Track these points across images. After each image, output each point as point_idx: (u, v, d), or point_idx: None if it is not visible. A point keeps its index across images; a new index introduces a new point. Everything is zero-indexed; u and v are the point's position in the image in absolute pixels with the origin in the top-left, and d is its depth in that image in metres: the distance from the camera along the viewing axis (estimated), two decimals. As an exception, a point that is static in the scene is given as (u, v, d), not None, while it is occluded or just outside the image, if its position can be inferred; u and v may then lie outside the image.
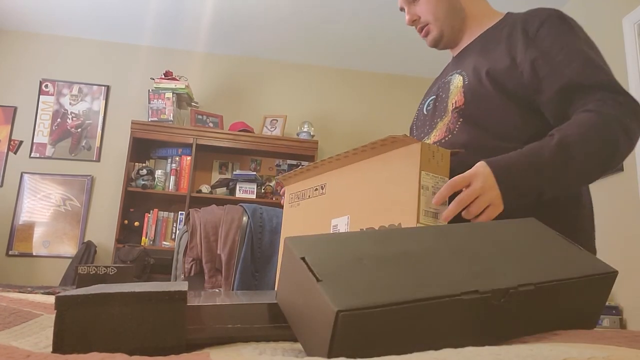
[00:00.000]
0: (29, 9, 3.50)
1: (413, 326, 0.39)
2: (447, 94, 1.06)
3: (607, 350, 0.33)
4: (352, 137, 4.00)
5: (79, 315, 0.41)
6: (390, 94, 4.16)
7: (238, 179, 3.58)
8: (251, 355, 0.41)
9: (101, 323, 0.41)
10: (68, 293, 0.41)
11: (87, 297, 0.41)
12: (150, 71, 3.78)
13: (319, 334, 0.38)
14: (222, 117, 3.79)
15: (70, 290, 0.43)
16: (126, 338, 0.42)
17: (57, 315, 0.41)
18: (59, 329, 0.41)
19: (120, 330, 0.42)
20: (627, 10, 2.67)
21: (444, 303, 0.39)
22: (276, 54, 4.02)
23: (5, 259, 3.48)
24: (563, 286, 0.44)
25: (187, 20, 3.53)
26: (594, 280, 0.46)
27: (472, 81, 1.00)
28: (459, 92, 1.02)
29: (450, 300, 0.39)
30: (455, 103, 1.02)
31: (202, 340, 0.47)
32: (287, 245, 0.46)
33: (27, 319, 0.52)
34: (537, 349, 0.33)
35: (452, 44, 1.15)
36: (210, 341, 0.47)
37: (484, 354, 0.32)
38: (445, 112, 1.05)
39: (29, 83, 3.75)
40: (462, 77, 1.04)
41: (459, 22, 1.11)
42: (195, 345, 0.46)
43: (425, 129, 1.11)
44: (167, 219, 3.58)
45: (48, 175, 3.63)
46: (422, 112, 1.15)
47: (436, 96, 1.11)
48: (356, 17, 3.43)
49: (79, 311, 0.41)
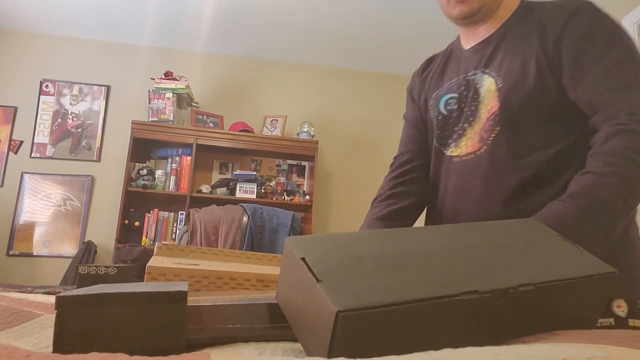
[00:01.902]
0: (29, 9, 3.50)
1: (413, 326, 0.39)
2: (478, 98, 0.96)
3: (607, 350, 0.33)
4: (352, 137, 4.01)
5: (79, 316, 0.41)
6: (390, 94, 4.16)
7: (238, 179, 3.58)
8: (251, 355, 0.41)
9: (102, 323, 0.41)
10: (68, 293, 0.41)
11: (87, 297, 0.41)
12: (151, 71, 3.78)
13: (319, 334, 0.38)
14: (222, 117, 3.79)
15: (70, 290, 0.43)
16: (127, 338, 0.42)
17: (57, 316, 0.41)
18: (60, 329, 0.41)
19: (120, 330, 0.42)
20: (627, 10, 2.67)
21: (443, 303, 0.39)
22: (276, 54, 4.01)
23: (6, 259, 3.48)
24: (563, 286, 0.44)
25: (187, 20, 3.53)
26: (594, 280, 0.46)
27: (507, 85, 0.92)
28: (494, 98, 0.93)
29: (449, 300, 0.39)
30: (490, 110, 0.93)
31: (202, 340, 0.47)
32: (287, 246, 0.46)
33: (28, 319, 0.52)
34: (536, 349, 0.33)
35: (481, 21, 1.01)
36: (211, 341, 0.47)
37: (484, 354, 0.33)
38: (476, 118, 0.96)
39: (29, 83, 3.75)
40: (493, 79, 0.95)
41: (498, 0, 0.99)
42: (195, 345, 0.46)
43: (449, 133, 1.02)
44: (167, 219, 3.58)
45: (48, 175, 3.64)
46: (440, 110, 1.04)
47: (459, 96, 1.01)
48: (356, 17, 3.42)
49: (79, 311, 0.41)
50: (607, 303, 0.77)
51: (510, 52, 0.94)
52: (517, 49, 0.93)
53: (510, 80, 0.91)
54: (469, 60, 1.03)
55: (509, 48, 0.95)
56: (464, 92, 1.00)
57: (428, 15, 3.29)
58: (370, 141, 4.00)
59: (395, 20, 3.41)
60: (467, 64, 1.02)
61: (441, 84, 1.08)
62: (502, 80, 0.93)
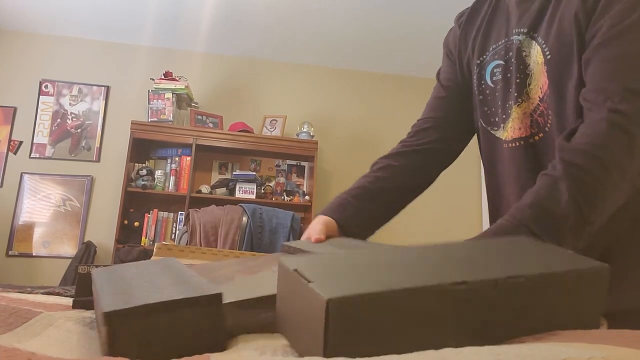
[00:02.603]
0: (29, 9, 3.50)
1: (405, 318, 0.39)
2: (526, 71, 0.81)
3: (607, 350, 0.33)
4: (352, 137, 4.01)
5: (132, 327, 0.41)
6: (390, 94, 4.16)
7: (238, 179, 3.58)
8: (251, 355, 0.41)
9: (153, 332, 0.42)
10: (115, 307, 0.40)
11: (138, 309, 0.41)
12: (150, 71, 3.78)
13: (313, 332, 0.38)
14: (222, 118, 3.79)
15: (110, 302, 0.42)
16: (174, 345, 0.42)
17: (109, 332, 0.40)
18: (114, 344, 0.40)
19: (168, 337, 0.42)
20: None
21: (432, 292, 0.40)
22: (276, 54, 4.02)
23: (5, 260, 3.48)
24: (554, 279, 0.45)
25: (187, 20, 3.53)
26: (585, 274, 0.47)
27: (556, 58, 0.76)
28: (542, 73, 0.78)
29: (439, 288, 0.40)
30: (542, 88, 0.79)
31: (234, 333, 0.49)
32: (281, 263, 0.47)
33: (28, 318, 0.52)
34: (536, 348, 0.33)
35: None
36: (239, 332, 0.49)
37: (483, 353, 0.33)
38: (523, 96, 0.81)
39: (29, 83, 3.75)
40: (540, 48, 0.79)
41: None
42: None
43: (496, 109, 0.86)
44: (167, 219, 3.58)
45: (48, 175, 3.63)
46: (487, 81, 0.88)
47: (505, 63, 0.84)
48: (356, 17, 3.43)
49: (132, 323, 0.41)
50: None
51: (559, 11, 0.77)
52: (565, 4, 0.77)
53: (559, 51, 0.76)
54: (515, 12, 0.85)
55: (561, 4, 0.78)
56: (511, 60, 0.84)
57: (428, 15, 3.29)
58: (370, 141, 4.00)
59: (395, 20, 3.41)
60: (515, 19, 0.85)
61: (487, 45, 0.90)
62: (550, 50, 0.78)
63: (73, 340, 0.50)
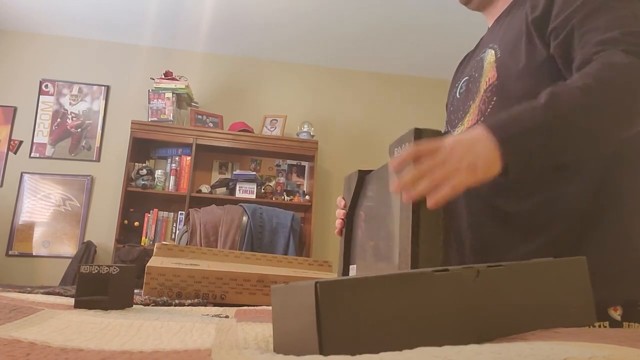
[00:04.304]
0: (29, 9, 3.50)
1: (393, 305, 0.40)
2: (481, 73, 0.94)
3: (608, 349, 0.33)
4: (352, 137, 4.01)
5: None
6: (390, 94, 4.16)
7: (238, 179, 3.58)
8: (252, 354, 0.41)
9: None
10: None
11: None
12: (150, 71, 3.78)
13: (306, 325, 0.39)
14: (222, 117, 3.79)
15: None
16: None
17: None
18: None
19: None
20: None
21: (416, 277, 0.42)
22: (276, 54, 4.02)
23: (5, 259, 3.48)
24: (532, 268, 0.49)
25: (187, 20, 3.53)
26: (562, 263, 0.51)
27: (504, 53, 0.88)
28: (492, 68, 0.90)
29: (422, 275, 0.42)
30: (488, 81, 0.90)
31: None
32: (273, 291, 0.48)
33: (28, 314, 0.52)
34: (537, 347, 0.33)
35: (488, 4, 1.00)
36: None
37: (484, 352, 0.33)
38: (477, 92, 0.93)
39: (29, 83, 3.75)
40: (494, 51, 0.91)
41: None
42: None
43: (459, 114, 0.99)
44: (167, 219, 3.58)
45: (48, 175, 3.63)
46: (456, 96, 1.03)
47: (469, 77, 0.99)
48: (356, 17, 3.43)
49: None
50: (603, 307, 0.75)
51: (511, 20, 0.91)
52: (516, 13, 0.90)
53: (507, 47, 0.88)
54: (484, 40, 1.02)
55: (513, 16, 0.91)
56: (474, 73, 0.97)
57: (428, 15, 3.29)
58: (370, 141, 4.00)
59: (394, 20, 3.41)
60: (482, 44, 1.01)
61: (463, 73, 1.05)
62: (501, 49, 0.90)
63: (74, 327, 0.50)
